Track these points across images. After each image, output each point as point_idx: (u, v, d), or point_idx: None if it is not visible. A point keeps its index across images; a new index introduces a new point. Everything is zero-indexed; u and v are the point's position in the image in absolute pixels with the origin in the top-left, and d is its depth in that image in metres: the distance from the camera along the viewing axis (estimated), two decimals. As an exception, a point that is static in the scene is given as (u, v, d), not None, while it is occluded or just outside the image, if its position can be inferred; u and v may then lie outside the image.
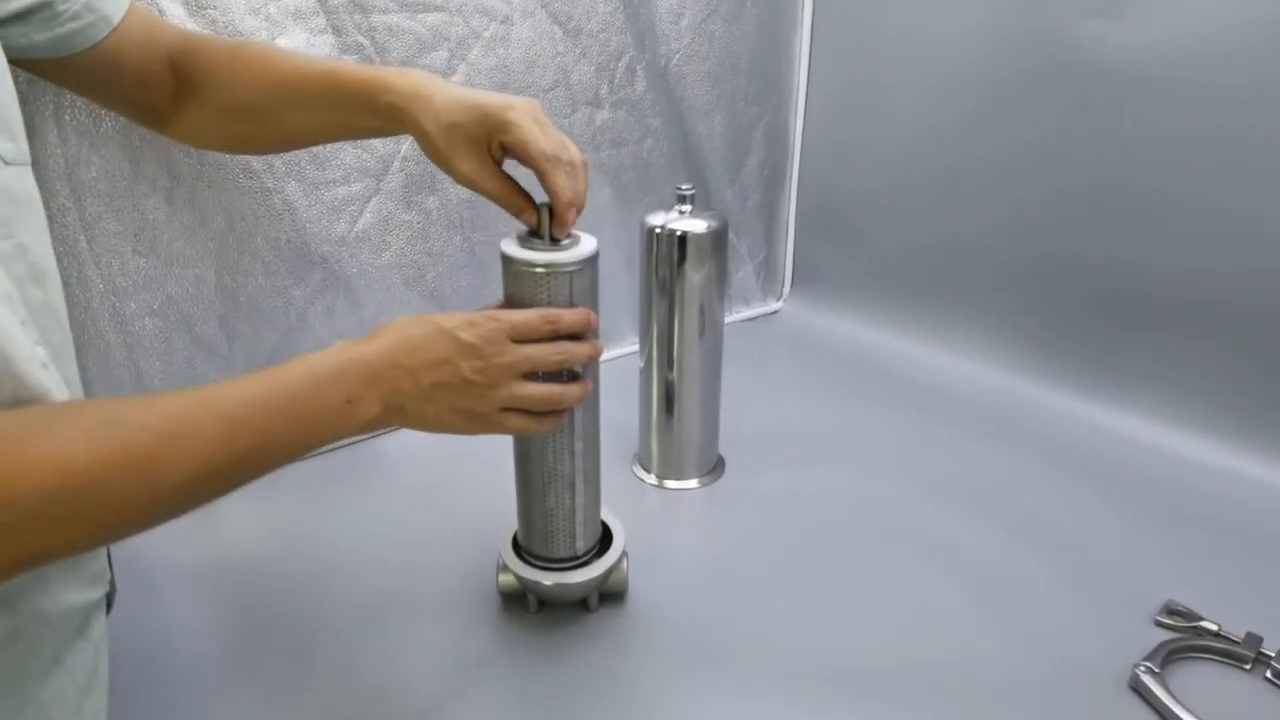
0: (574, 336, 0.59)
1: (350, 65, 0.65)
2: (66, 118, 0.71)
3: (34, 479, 0.37)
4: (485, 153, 0.60)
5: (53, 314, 0.48)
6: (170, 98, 0.67)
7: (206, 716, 0.60)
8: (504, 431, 0.59)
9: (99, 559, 0.51)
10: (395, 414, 0.54)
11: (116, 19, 0.62)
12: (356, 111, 0.63)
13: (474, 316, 0.56)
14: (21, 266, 0.45)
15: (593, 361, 0.61)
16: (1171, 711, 0.59)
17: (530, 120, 0.58)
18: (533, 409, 0.58)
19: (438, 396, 0.54)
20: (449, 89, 0.61)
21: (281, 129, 0.68)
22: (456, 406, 0.55)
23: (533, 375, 0.57)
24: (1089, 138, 0.97)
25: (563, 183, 0.58)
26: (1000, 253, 1.10)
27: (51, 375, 0.45)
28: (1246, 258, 0.87)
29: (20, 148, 0.47)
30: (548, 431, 0.61)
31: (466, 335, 0.55)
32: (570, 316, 0.58)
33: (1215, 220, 0.89)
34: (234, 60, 0.67)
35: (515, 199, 0.61)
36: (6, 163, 0.45)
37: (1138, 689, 0.61)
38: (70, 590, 0.48)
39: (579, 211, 0.60)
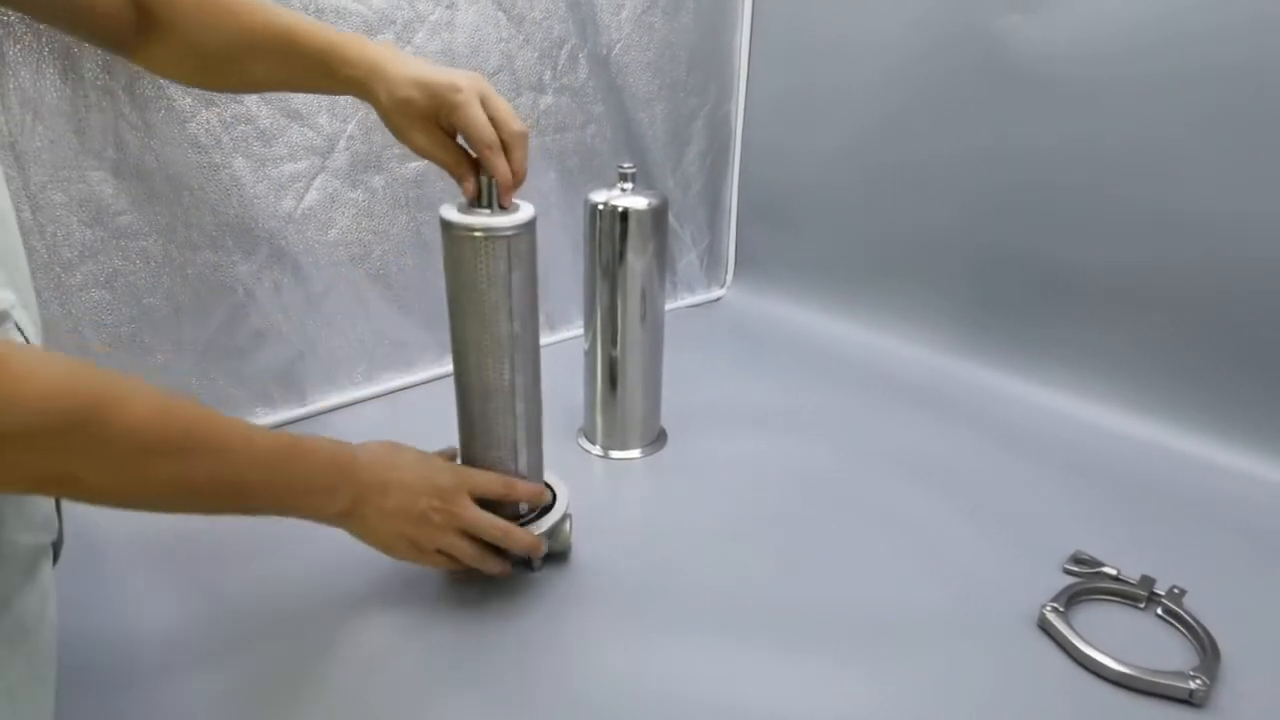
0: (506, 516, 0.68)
1: (310, 27, 0.66)
2: (10, 85, 0.71)
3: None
4: (436, 125, 0.64)
5: (15, 257, 0.50)
6: (134, 31, 0.68)
7: (153, 668, 0.61)
8: (427, 564, 0.67)
9: (46, 505, 0.52)
10: (356, 519, 0.61)
11: None
12: (316, 76, 0.66)
13: (451, 465, 0.67)
14: None
15: (532, 553, 0.69)
16: (1072, 644, 0.64)
17: (475, 103, 0.63)
18: (459, 558, 0.66)
19: (394, 520, 0.62)
20: (403, 64, 0.64)
21: (243, 77, 0.71)
22: (404, 534, 0.63)
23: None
24: (1018, 128, 1.02)
25: (500, 167, 0.63)
26: (934, 240, 1.16)
27: (19, 315, 0.47)
28: (1161, 245, 0.94)
29: None
30: (463, 572, 0.68)
31: (440, 479, 0.64)
32: (524, 489, 0.69)
33: (1132, 210, 0.95)
34: (198, 3, 0.68)
35: (460, 167, 0.65)
36: None
37: (1044, 626, 0.67)
38: (17, 531, 0.49)
39: (518, 184, 0.64)
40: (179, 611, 0.67)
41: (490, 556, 0.67)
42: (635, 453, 0.93)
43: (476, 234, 0.61)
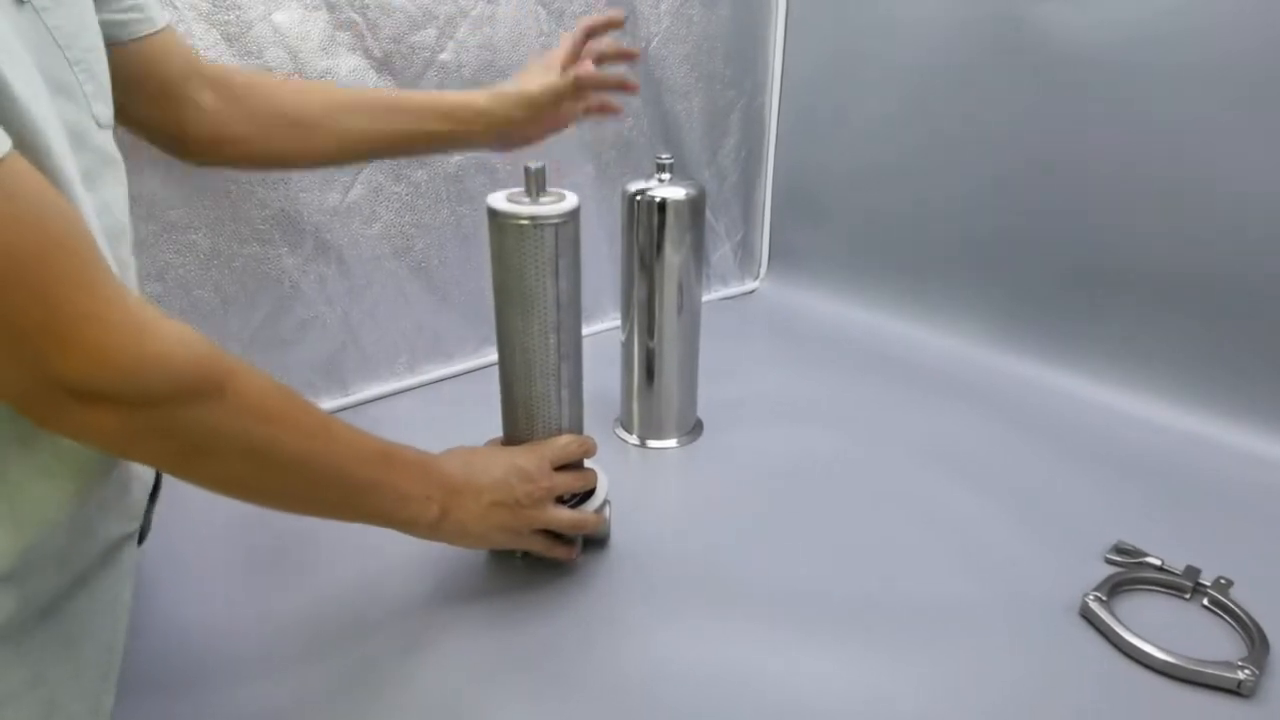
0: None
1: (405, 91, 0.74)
2: (70, 85, 0.73)
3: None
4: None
5: (126, 271, 0.51)
6: (209, 119, 0.67)
7: (216, 627, 0.64)
8: (527, 549, 0.68)
9: (139, 492, 0.55)
10: (450, 525, 0.61)
11: (160, 24, 0.61)
12: (418, 115, 0.70)
13: (520, 446, 0.68)
14: (109, 220, 0.48)
15: (595, 532, 0.72)
16: (1117, 634, 0.63)
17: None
18: (558, 531, 0.67)
19: (490, 515, 0.63)
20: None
21: (337, 136, 0.72)
22: (503, 525, 0.64)
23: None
24: (1053, 117, 1.01)
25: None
26: (968, 231, 1.15)
27: None
28: (1198, 234, 0.92)
29: (109, 112, 0.50)
30: (560, 558, 0.70)
31: (520, 460, 0.65)
32: (592, 444, 0.71)
33: (1172, 197, 0.93)
34: (283, 81, 0.73)
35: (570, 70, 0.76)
36: (100, 125, 0.48)
37: (1087, 616, 0.66)
38: (109, 521, 0.51)
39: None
40: (236, 576, 0.70)
41: (563, 543, 0.69)
42: (672, 442, 0.94)
43: (523, 222, 0.61)
